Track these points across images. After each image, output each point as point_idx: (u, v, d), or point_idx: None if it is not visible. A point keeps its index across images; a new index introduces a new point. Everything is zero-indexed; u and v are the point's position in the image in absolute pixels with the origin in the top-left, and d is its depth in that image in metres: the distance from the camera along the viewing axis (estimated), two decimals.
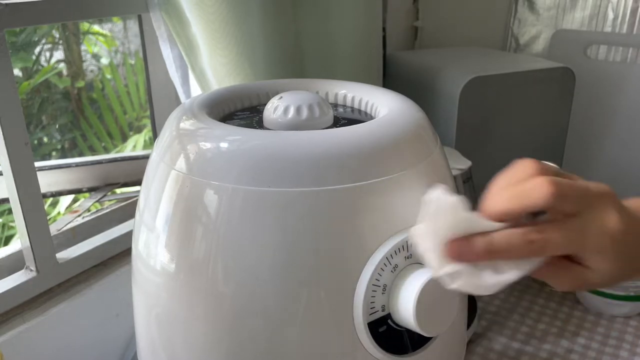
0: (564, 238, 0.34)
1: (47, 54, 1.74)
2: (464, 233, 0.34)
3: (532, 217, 0.36)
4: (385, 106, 0.45)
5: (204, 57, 0.65)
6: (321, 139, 0.38)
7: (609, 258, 0.35)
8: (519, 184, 0.34)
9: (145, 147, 1.70)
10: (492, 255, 0.34)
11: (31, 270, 0.58)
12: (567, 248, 0.35)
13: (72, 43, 1.74)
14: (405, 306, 0.36)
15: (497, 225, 0.35)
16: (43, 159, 1.66)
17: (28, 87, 1.61)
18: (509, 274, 0.35)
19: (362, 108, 0.49)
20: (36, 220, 0.57)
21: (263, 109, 0.45)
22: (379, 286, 0.37)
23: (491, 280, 0.35)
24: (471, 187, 0.72)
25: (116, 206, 0.75)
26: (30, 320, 0.56)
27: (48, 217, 0.59)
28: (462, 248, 0.34)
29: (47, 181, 0.78)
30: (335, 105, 0.51)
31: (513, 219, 0.35)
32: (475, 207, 0.37)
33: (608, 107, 1.02)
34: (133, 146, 1.72)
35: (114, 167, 0.82)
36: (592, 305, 0.77)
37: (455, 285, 0.34)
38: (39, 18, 0.57)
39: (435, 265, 0.34)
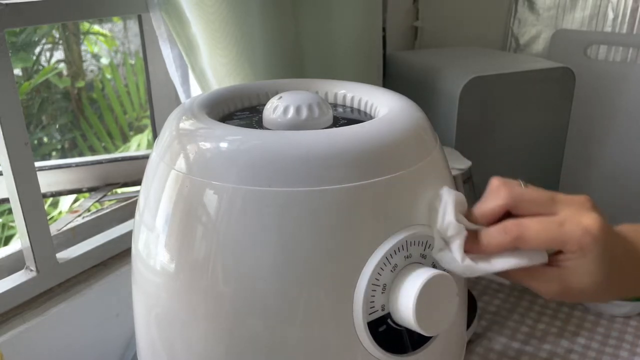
0: (540, 226, 0.37)
1: (47, 54, 1.74)
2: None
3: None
4: (385, 106, 0.45)
5: (204, 57, 0.65)
6: (321, 139, 0.38)
7: (590, 257, 0.37)
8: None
9: (148, 146, 1.70)
10: (480, 246, 0.38)
11: (31, 270, 0.58)
12: (544, 239, 0.37)
13: (72, 43, 1.74)
14: (405, 305, 0.36)
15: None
16: (43, 159, 1.66)
17: (28, 87, 1.61)
18: (499, 263, 0.38)
19: (362, 108, 0.49)
20: (36, 220, 0.57)
21: (263, 109, 0.45)
22: (379, 286, 0.37)
23: (480, 267, 0.38)
24: (471, 187, 0.72)
25: (116, 206, 0.75)
26: (30, 320, 0.56)
27: (48, 217, 0.59)
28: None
29: (47, 181, 0.78)
30: (335, 105, 0.51)
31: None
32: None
33: (608, 107, 1.02)
34: (137, 145, 1.73)
35: (114, 167, 0.82)
36: (592, 305, 0.77)
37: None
38: (39, 18, 0.57)
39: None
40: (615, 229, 0.39)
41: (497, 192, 0.38)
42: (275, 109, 0.43)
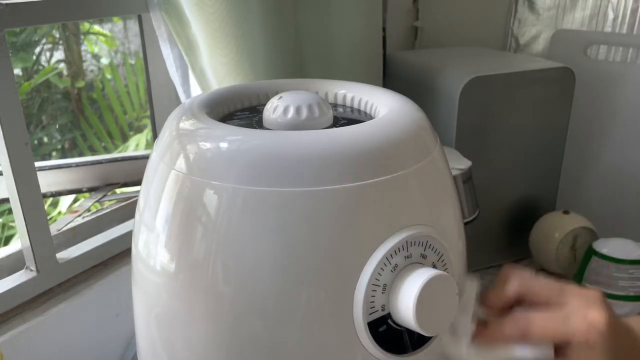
0: (546, 321, 0.38)
1: (47, 54, 1.74)
2: None
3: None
4: (385, 106, 0.45)
5: (204, 57, 0.65)
6: (321, 139, 0.38)
7: (596, 351, 0.37)
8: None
9: (147, 146, 1.70)
10: (483, 338, 0.40)
11: (31, 270, 0.58)
12: (550, 332, 0.38)
13: (72, 43, 1.74)
14: (406, 306, 0.36)
15: None
16: (43, 159, 1.66)
17: (28, 87, 1.61)
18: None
19: (362, 108, 0.49)
20: (36, 220, 0.57)
21: (263, 109, 0.45)
22: (379, 286, 0.37)
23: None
24: (471, 187, 0.72)
25: (116, 206, 0.75)
26: (30, 320, 0.56)
27: (48, 217, 0.59)
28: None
29: (47, 181, 0.78)
30: (335, 105, 0.51)
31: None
32: (474, 207, 0.38)
33: (608, 107, 1.02)
34: (136, 145, 1.72)
35: (114, 167, 0.82)
36: None
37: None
38: (39, 18, 0.57)
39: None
40: (622, 322, 0.40)
41: (509, 281, 0.40)
42: (275, 109, 0.43)
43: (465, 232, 0.45)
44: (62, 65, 1.77)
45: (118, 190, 0.86)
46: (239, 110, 0.49)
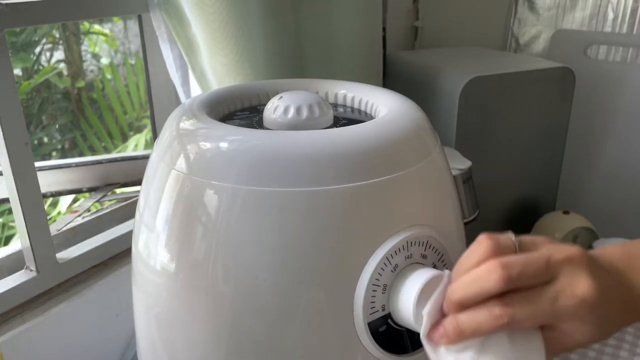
0: (532, 310, 0.34)
1: (47, 54, 1.74)
2: None
3: None
4: (385, 106, 0.45)
5: (204, 57, 0.65)
6: (321, 139, 0.38)
7: (587, 323, 0.35)
8: (473, 270, 0.34)
9: (146, 147, 1.70)
10: (462, 335, 0.34)
11: (31, 270, 0.58)
12: (537, 320, 0.34)
13: (72, 43, 1.74)
14: (406, 306, 0.36)
15: None
16: (43, 159, 1.66)
17: (28, 87, 1.61)
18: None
19: (362, 108, 0.49)
20: (36, 220, 0.57)
21: (263, 109, 0.45)
22: (379, 286, 0.37)
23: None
24: (471, 187, 0.72)
25: (116, 206, 0.75)
26: (30, 320, 0.56)
27: (48, 217, 0.59)
28: (436, 333, 0.35)
29: (47, 181, 0.78)
30: (335, 105, 0.51)
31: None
32: (475, 207, 0.37)
33: (608, 107, 1.02)
34: (135, 145, 1.72)
35: (114, 167, 0.82)
36: None
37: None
38: (39, 18, 0.57)
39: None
40: (610, 277, 0.36)
41: (489, 275, 0.34)
42: (275, 109, 0.43)
43: (465, 232, 0.45)
44: (62, 65, 1.77)
45: (118, 190, 0.86)
46: (239, 110, 0.49)
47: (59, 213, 1.39)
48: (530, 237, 0.37)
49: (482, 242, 0.35)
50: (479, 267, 0.34)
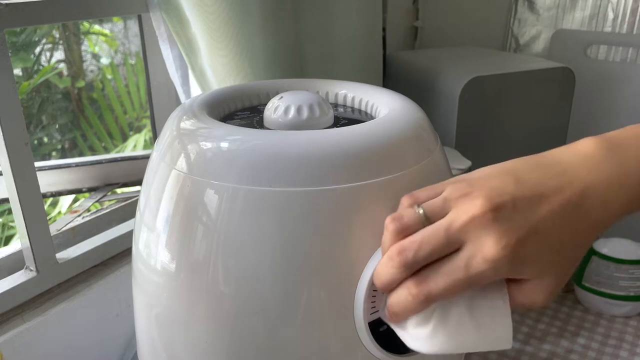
0: (447, 282, 0.33)
1: (47, 54, 1.74)
2: None
3: None
4: (385, 106, 0.45)
5: (204, 57, 0.65)
6: (321, 139, 0.38)
7: (524, 274, 0.33)
8: (379, 263, 0.35)
9: (145, 147, 1.70)
10: (397, 317, 0.35)
11: (31, 270, 0.58)
12: (456, 290, 0.33)
13: (72, 43, 1.74)
14: None
15: None
16: (43, 159, 1.66)
17: (28, 87, 1.61)
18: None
19: (362, 108, 0.49)
20: (36, 220, 0.57)
21: (263, 109, 0.45)
22: None
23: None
24: None
25: (116, 206, 0.75)
26: (30, 320, 0.56)
27: (48, 217, 0.59)
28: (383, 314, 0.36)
29: (47, 181, 0.78)
30: (335, 105, 0.51)
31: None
32: None
33: (608, 107, 1.02)
34: (134, 146, 1.72)
35: (114, 167, 0.82)
36: (592, 305, 0.77)
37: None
38: (39, 18, 0.57)
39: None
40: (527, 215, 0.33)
41: (388, 265, 0.34)
42: (276, 109, 0.43)
43: None
44: (62, 65, 1.77)
45: (118, 190, 0.86)
46: (240, 110, 0.49)
47: (59, 213, 1.39)
48: (436, 192, 0.35)
49: (387, 228, 0.34)
50: (383, 257, 0.34)
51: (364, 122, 0.41)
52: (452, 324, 0.34)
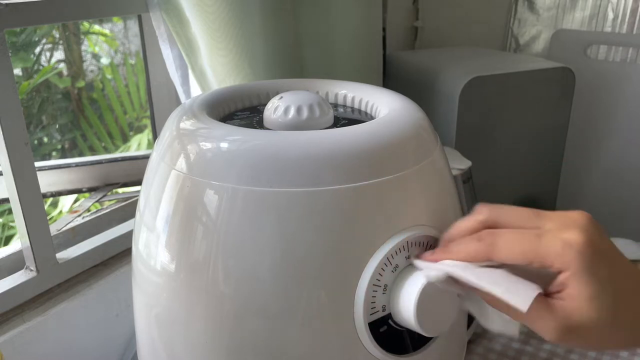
0: (516, 236, 0.34)
1: (47, 54, 1.74)
2: None
3: None
4: (385, 106, 0.45)
5: (204, 57, 0.65)
6: (321, 139, 0.38)
7: (580, 277, 0.32)
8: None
9: (148, 146, 1.70)
10: (447, 252, 0.37)
11: (31, 270, 0.58)
12: (519, 249, 0.33)
13: (72, 43, 1.74)
14: (406, 306, 0.36)
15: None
16: (43, 159, 1.66)
17: (28, 87, 1.61)
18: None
19: (362, 108, 0.49)
20: (36, 220, 0.57)
21: (263, 109, 0.45)
22: (380, 286, 0.37)
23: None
24: (471, 187, 0.72)
25: (116, 206, 0.75)
26: (30, 320, 0.56)
27: (48, 217, 0.59)
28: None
29: (47, 181, 0.78)
30: (335, 105, 0.51)
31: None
32: (474, 207, 0.37)
33: (608, 107, 1.02)
34: (138, 145, 1.73)
35: (114, 167, 0.82)
36: None
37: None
38: (39, 18, 0.57)
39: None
40: (624, 257, 0.35)
41: (478, 211, 0.37)
42: (276, 109, 0.43)
43: None
44: (62, 65, 1.77)
45: (118, 190, 0.86)
46: (240, 110, 0.49)
47: (59, 213, 1.39)
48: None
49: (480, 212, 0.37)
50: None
51: (364, 122, 0.41)
52: (485, 276, 0.35)
